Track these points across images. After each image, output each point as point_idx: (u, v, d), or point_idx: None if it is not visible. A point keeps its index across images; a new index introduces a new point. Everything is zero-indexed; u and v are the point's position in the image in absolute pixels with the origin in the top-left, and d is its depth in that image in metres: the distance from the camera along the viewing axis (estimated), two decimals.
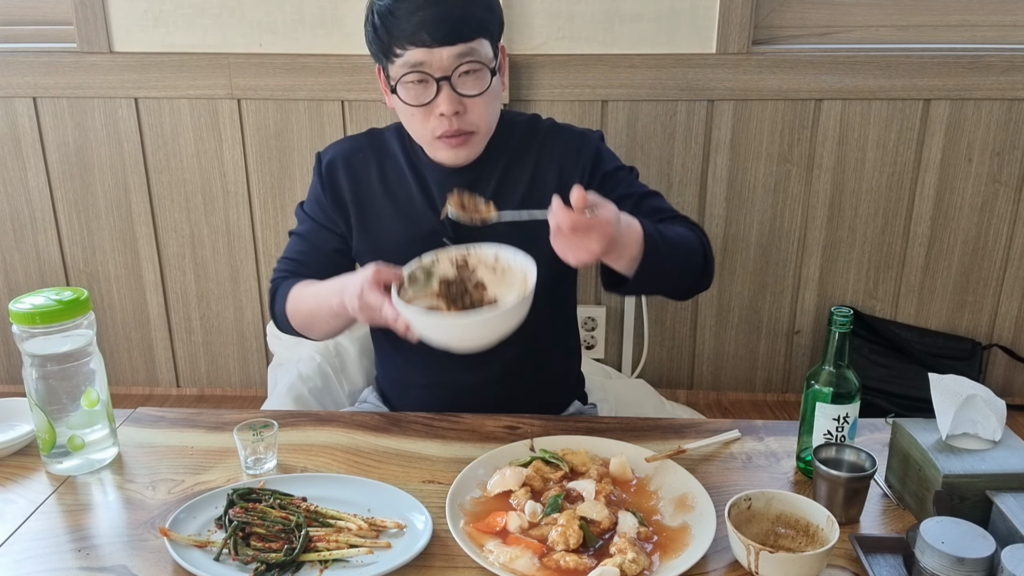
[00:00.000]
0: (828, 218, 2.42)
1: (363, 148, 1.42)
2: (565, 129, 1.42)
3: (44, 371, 1.14)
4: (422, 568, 0.99)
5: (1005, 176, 2.36)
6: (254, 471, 1.17)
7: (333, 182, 1.41)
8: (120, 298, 2.58)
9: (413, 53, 1.21)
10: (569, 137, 1.41)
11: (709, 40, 2.26)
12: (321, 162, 1.43)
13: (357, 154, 1.41)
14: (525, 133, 1.40)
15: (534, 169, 1.38)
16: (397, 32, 1.21)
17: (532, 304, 1.32)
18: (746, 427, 1.30)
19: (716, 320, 2.54)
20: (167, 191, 2.46)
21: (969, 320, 2.50)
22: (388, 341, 1.54)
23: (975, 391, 1.11)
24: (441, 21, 1.19)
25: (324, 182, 1.41)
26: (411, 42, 1.21)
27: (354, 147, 1.43)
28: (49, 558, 1.02)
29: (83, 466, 1.19)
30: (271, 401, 1.73)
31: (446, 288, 1.23)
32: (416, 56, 1.21)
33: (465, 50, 1.22)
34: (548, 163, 1.38)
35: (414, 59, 1.21)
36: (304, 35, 2.30)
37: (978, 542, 0.91)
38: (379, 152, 1.41)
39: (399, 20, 1.20)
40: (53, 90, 2.36)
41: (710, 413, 2.51)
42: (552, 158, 1.38)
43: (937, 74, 2.27)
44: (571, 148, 1.39)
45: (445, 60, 1.21)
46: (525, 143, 1.39)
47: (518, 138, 1.39)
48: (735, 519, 0.99)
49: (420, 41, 1.20)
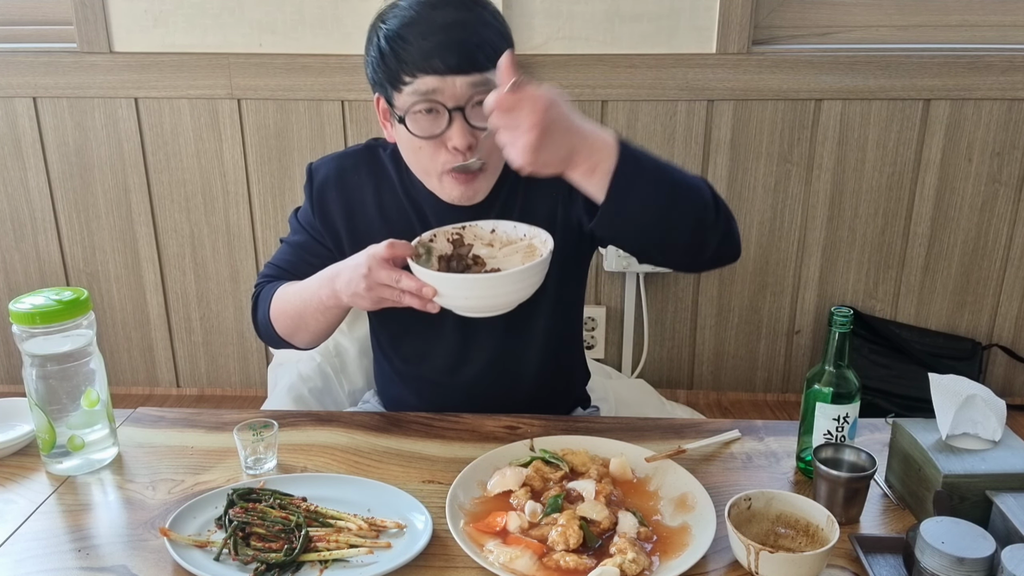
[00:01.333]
0: (828, 218, 2.42)
1: (358, 167, 1.33)
2: None
3: (44, 371, 1.14)
4: (422, 568, 0.99)
5: (1005, 176, 2.36)
6: (254, 471, 1.17)
7: (323, 206, 1.33)
8: (120, 298, 2.58)
9: (424, 81, 1.12)
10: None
11: (709, 40, 2.26)
12: (313, 180, 1.34)
13: (351, 174, 1.33)
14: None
15: (528, 184, 1.26)
16: (407, 58, 1.12)
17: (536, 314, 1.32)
18: (746, 427, 1.30)
19: (716, 320, 2.54)
20: (167, 191, 2.46)
21: (969, 320, 2.50)
22: (388, 343, 1.53)
23: (975, 391, 1.11)
24: (456, 47, 1.10)
25: (314, 204, 1.33)
26: (422, 69, 1.12)
27: (349, 165, 1.33)
28: (49, 558, 1.02)
29: (83, 466, 1.19)
30: (271, 401, 1.73)
31: (446, 264, 1.19)
32: (428, 84, 1.12)
33: (480, 80, 1.12)
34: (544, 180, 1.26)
35: (425, 87, 1.12)
36: (304, 35, 2.30)
37: (978, 542, 0.91)
38: (375, 175, 1.32)
39: (410, 45, 1.11)
40: (53, 90, 2.36)
41: (710, 413, 2.51)
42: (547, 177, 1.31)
43: (937, 74, 2.27)
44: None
45: (459, 89, 1.12)
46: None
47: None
48: (735, 519, 0.99)
49: (433, 68, 1.11)
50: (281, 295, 1.28)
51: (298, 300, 1.24)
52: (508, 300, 1.11)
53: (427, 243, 1.20)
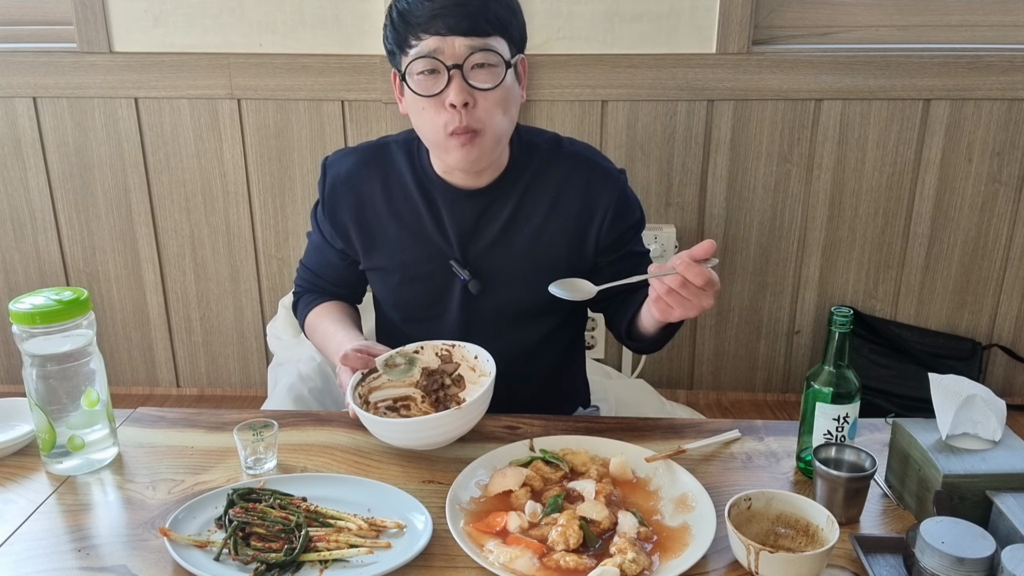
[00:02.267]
0: (828, 218, 2.42)
1: (367, 163, 1.38)
2: (590, 160, 1.37)
3: (44, 371, 1.14)
4: (422, 568, 0.99)
5: (1005, 176, 2.36)
6: (254, 471, 1.17)
7: (333, 202, 1.39)
8: (120, 298, 2.58)
9: (427, 42, 1.19)
10: (594, 171, 1.36)
11: (709, 40, 2.26)
12: (325, 176, 1.40)
13: (361, 172, 1.38)
14: (547, 156, 1.35)
15: (554, 198, 1.34)
16: (413, 20, 1.19)
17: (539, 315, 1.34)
18: (746, 427, 1.30)
19: (716, 320, 2.54)
20: (167, 191, 2.46)
21: (969, 320, 2.50)
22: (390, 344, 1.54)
23: (975, 391, 1.11)
24: (458, 10, 1.17)
25: (325, 203, 1.40)
26: (425, 30, 1.19)
27: (360, 162, 1.39)
28: (49, 558, 1.02)
29: (83, 466, 1.19)
30: (271, 401, 1.73)
31: (425, 379, 1.28)
32: (430, 45, 1.19)
33: (480, 43, 1.19)
34: (570, 195, 1.34)
35: (428, 48, 1.19)
36: (304, 35, 2.30)
37: (978, 542, 0.91)
38: (383, 169, 1.37)
39: (416, 9, 1.19)
40: (53, 90, 2.36)
41: (710, 413, 2.51)
42: (575, 189, 1.34)
43: (937, 74, 2.27)
44: (596, 184, 1.34)
45: (458, 48, 1.19)
46: (545, 169, 1.35)
47: (539, 163, 1.35)
48: (735, 519, 0.99)
49: (435, 29, 1.18)
50: (311, 324, 1.45)
51: (319, 342, 1.43)
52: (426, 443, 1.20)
53: (410, 354, 1.28)
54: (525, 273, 1.34)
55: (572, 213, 1.34)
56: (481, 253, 1.34)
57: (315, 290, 1.48)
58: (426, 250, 1.34)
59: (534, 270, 1.33)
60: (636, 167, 2.37)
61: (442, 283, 1.35)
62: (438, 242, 1.34)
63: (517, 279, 1.34)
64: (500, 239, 1.33)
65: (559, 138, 1.39)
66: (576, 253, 1.35)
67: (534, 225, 1.33)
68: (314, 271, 1.48)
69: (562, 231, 1.34)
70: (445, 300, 1.37)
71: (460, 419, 1.16)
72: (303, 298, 1.49)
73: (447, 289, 1.36)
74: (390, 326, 1.46)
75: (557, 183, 1.34)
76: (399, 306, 1.41)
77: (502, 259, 1.34)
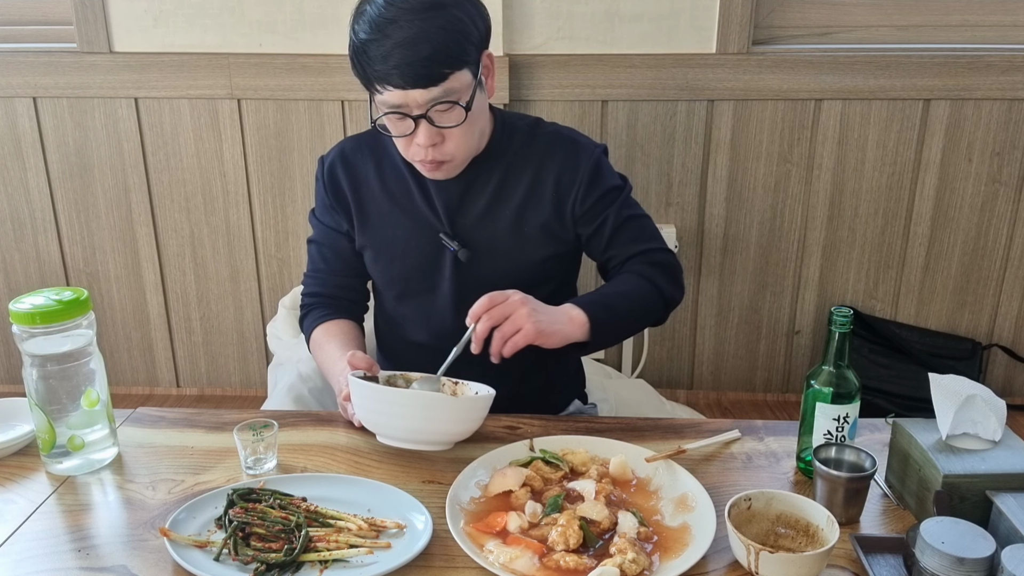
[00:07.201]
0: (828, 218, 2.42)
1: (361, 147, 1.44)
2: (568, 137, 1.41)
3: (44, 371, 1.14)
4: (422, 568, 0.99)
5: (1005, 176, 2.36)
6: (254, 471, 1.17)
7: (334, 181, 1.44)
8: (120, 298, 2.58)
9: (390, 94, 1.22)
10: (571, 147, 1.40)
11: (709, 40, 2.26)
12: (323, 164, 1.45)
13: (356, 152, 1.44)
14: (526, 138, 1.40)
15: (534, 175, 1.38)
16: (371, 74, 1.22)
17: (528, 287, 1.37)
18: (746, 427, 1.30)
19: (716, 320, 2.54)
20: (167, 191, 2.46)
21: (969, 320, 2.50)
22: (389, 343, 1.54)
23: (975, 391, 1.11)
24: (410, 65, 1.18)
25: (326, 184, 1.44)
26: (385, 84, 1.21)
27: (355, 145, 1.45)
28: (49, 558, 1.02)
29: (83, 466, 1.19)
30: (271, 401, 1.73)
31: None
32: (393, 98, 1.22)
33: (439, 93, 1.21)
34: (548, 171, 1.38)
35: (392, 100, 1.22)
36: (304, 35, 2.30)
37: (978, 542, 0.91)
38: (377, 151, 1.43)
39: (372, 61, 1.21)
40: (53, 90, 2.36)
41: (710, 413, 2.51)
42: (552, 166, 1.38)
43: (937, 74, 2.27)
44: (571, 159, 1.39)
45: (420, 100, 1.21)
46: (525, 148, 1.39)
47: (518, 143, 1.39)
48: (735, 519, 0.99)
49: (394, 84, 1.20)
50: (315, 344, 1.46)
51: (321, 362, 1.44)
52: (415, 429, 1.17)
53: (409, 379, 1.30)
54: (511, 247, 1.39)
55: (550, 184, 1.38)
56: (469, 227, 1.39)
57: (323, 304, 1.48)
58: (417, 225, 1.39)
59: (520, 243, 1.38)
60: (636, 167, 2.37)
61: (433, 257, 1.40)
62: (428, 217, 1.39)
63: (504, 252, 1.39)
64: (486, 213, 1.38)
65: (540, 120, 1.44)
66: (558, 222, 1.39)
67: (517, 200, 1.38)
68: (322, 268, 1.48)
69: (543, 203, 1.38)
70: (437, 274, 1.40)
71: (451, 409, 1.16)
72: (311, 313, 1.49)
73: (438, 262, 1.40)
74: (387, 310, 1.49)
75: (538, 159, 1.39)
76: (394, 281, 1.44)
77: (489, 231, 1.38)
